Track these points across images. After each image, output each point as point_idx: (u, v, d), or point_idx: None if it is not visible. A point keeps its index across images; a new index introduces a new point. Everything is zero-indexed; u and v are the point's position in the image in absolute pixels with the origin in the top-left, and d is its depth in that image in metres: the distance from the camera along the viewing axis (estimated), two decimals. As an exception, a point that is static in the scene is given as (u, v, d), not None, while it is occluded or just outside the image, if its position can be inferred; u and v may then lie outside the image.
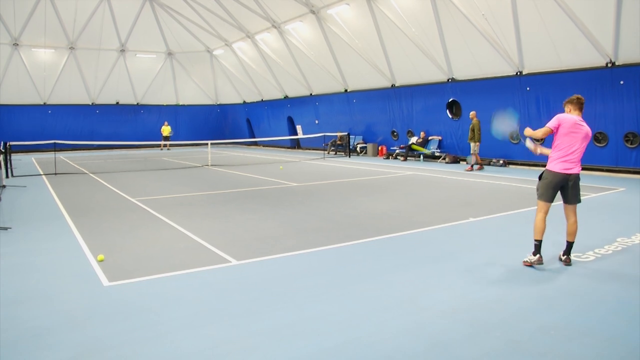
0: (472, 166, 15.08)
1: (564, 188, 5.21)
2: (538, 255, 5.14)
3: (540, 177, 5.32)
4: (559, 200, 5.32)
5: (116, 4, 26.59)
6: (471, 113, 15.15)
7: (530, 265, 5.13)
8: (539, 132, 5.21)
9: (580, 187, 5.28)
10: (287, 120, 28.04)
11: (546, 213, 5.23)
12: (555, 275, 4.84)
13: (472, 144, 14.90)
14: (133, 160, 21.50)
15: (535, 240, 5.18)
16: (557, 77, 14.07)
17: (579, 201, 5.27)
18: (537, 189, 5.34)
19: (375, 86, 21.00)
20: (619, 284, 4.56)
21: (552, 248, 5.75)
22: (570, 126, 5.13)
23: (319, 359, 3.24)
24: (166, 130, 29.47)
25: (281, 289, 4.63)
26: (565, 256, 5.30)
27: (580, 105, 5.28)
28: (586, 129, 5.20)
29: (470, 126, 15.01)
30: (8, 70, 26.37)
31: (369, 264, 5.39)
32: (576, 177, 5.19)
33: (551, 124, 5.20)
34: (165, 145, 29.83)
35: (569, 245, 5.30)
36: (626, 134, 12.80)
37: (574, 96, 5.32)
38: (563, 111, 5.36)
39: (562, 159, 5.14)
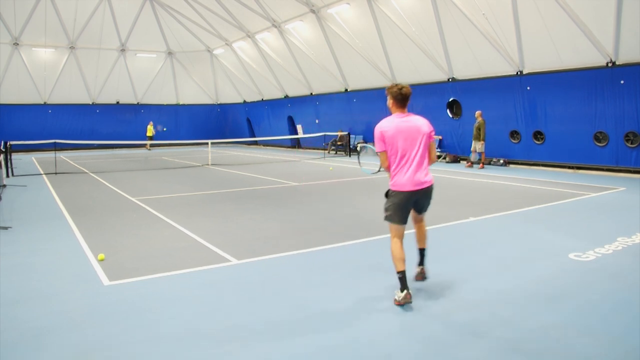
0: (472, 163, 15.55)
1: (416, 202, 4.28)
2: (406, 292, 4.02)
3: (386, 195, 4.27)
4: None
5: (116, 4, 26.59)
6: (477, 112, 15.44)
7: (401, 304, 4.05)
8: (382, 163, 4.24)
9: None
10: (288, 119, 28.03)
11: (402, 237, 4.23)
12: (555, 275, 4.83)
13: (477, 143, 15.28)
14: (133, 159, 21.50)
15: (398, 273, 4.10)
16: (558, 77, 14.05)
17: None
18: (386, 210, 4.24)
19: (375, 85, 20.97)
20: (619, 284, 4.55)
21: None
22: (395, 132, 4.10)
23: (319, 358, 3.24)
24: (150, 130, 29.28)
25: (281, 288, 4.63)
26: (420, 267, 4.56)
27: (403, 100, 4.15)
28: (416, 124, 4.15)
29: (477, 125, 15.20)
30: (8, 70, 26.38)
31: (368, 263, 5.40)
32: (427, 189, 4.23)
33: (378, 147, 4.19)
34: (149, 145, 29.50)
35: (422, 252, 4.56)
36: (626, 134, 12.78)
37: (395, 87, 4.16)
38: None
39: (403, 172, 4.12)
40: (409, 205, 4.23)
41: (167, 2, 26.91)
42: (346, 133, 22.32)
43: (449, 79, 17.52)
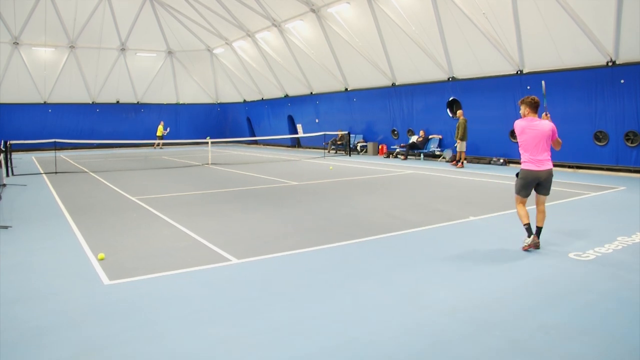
0: (457, 161, 15.67)
1: (538, 184, 5.72)
2: (533, 236, 5.61)
3: (517, 175, 5.81)
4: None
5: (116, 3, 26.56)
6: (458, 112, 15.87)
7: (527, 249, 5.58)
8: None
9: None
10: (288, 119, 28.02)
11: (524, 203, 5.87)
12: (555, 275, 4.83)
13: (458, 142, 15.54)
14: (133, 159, 21.50)
15: (525, 224, 5.69)
16: (558, 76, 14.04)
17: (548, 194, 5.81)
18: (515, 186, 5.87)
19: (375, 85, 20.97)
20: (619, 283, 4.55)
21: (555, 247, 5.75)
22: (521, 130, 5.67)
23: (319, 358, 3.24)
24: (160, 129, 29.39)
25: (281, 287, 4.63)
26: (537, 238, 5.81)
27: (534, 106, 5.67)
28: (542, 126, 5.59)
29: (457, 124, 15.58)
30: (8, 69, 26.37)
31: (369, 262, 5.39)
32: (548, 173, 5.64)
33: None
34: (158, 144, 29.66)
35: (539, 230, 5.83)
36: (627, 133, 12.78)
37: (528, 98, 5.69)
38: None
39: (530, 159, 5.64)
40: (531, 184, 5.74)
41: (167, 1, 26.89)
42: (346, 132, 22.33)
43: (449, 78, 17.51)
